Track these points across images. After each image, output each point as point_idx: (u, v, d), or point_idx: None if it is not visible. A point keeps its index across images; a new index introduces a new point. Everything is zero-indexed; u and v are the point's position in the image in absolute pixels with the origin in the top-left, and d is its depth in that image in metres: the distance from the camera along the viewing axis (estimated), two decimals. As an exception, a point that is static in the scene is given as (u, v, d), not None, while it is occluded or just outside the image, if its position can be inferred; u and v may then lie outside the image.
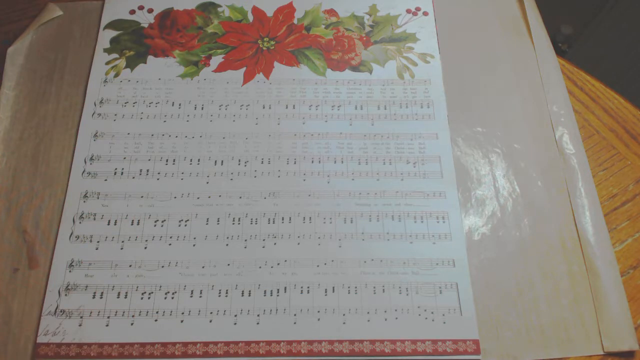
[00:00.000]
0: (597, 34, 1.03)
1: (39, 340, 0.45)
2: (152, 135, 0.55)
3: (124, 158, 0.54)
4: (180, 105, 0.56)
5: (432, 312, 0.46)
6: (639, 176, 0.55)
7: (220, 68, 0.58)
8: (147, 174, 0.53)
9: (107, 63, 0.59)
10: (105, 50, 0.60)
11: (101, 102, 0.57)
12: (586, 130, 0.57)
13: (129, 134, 0.55)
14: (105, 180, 0.53)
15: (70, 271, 0.48)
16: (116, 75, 0.58)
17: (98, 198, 0.52)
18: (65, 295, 0.47)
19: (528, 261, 0.49)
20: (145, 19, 0.62)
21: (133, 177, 0.53)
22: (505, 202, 0.52)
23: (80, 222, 0.50)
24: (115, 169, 0.53)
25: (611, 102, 0.59)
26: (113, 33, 0.61)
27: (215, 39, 0.60)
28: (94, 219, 0.51)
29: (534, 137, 0.56)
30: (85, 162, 0.53)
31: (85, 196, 0.52)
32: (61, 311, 0.47)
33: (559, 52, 0.62)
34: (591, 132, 0.58)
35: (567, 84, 0.59)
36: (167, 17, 0.62)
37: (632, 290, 0.49)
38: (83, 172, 0.53)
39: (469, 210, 0.52)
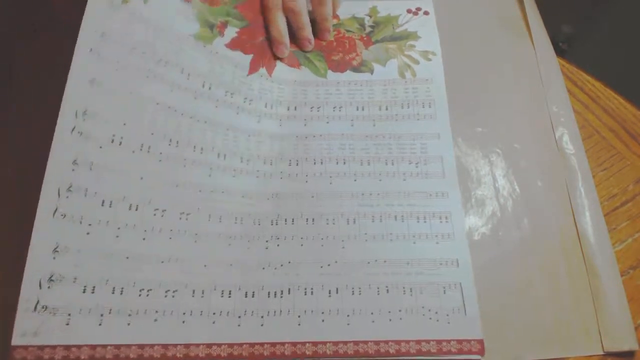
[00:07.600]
0: (597, 34, 1.03)
1: (14, 342, 0.38)
2: (158, 103, 0.48)
3: (124, 124, 0.46)
4: (189, 75, 0.52)
5: (436, 312, 0.46)
6: (638, 176, 0.55)
7: (232, 45, 0.56)
8: (149, 151, 0.47)
9: None
10: None
11: (102, 35, 0.46)
12: (586, 130, 0.58)
13: (131, 93, 0.47)
14: (100, 147, 0.44)
15: (54, 258, 0.40)
16: (125, 0, 0.48)
17: (91, 169, 0.43)
18: (48, 287, 0.40)
19: (528, 261, 0.49)
20: None
21: (133, 151, 0.46)
22: (505, 202, 0.53)
23: (67, 197, 0.41)
24: (113, 135, 0.45)
25: (611, 102, 0.60)
26: None
27: (235, 4, 0.57)
28: (85, 195, 0.42)
29: (534, 137, 0.56)
30: (76, 115, 0.43)
31: (75, 163, 0.43)
32: (43, 307, 0.39)
33: (559, 52, 0.62)
34: (591, 132, 0.58)
35: (567, 84, 0.60)
36: None
37: (632, 290, 0.49)
38: (73, 129, 0.43)
39: (469, 210, 0.52)
